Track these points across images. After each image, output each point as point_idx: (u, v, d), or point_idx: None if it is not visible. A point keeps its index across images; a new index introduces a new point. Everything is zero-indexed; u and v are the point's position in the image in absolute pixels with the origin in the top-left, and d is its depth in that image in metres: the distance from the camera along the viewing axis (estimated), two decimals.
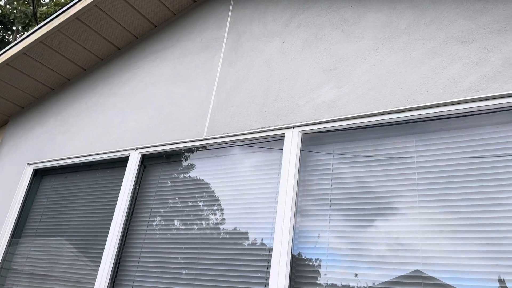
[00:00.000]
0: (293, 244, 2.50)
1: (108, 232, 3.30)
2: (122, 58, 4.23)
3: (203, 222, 2.94)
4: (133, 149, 3.53)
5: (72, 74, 4.47)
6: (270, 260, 2.50)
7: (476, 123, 2.26)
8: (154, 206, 3.25)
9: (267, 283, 2.47)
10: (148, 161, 3.50)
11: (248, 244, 2.70)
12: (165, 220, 3.13)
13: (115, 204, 3.39)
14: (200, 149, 3.23)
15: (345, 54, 2.79)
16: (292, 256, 2.47)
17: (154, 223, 3.18)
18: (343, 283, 2.28)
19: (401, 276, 2.15)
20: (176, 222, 3.07)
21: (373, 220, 2.34)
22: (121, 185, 3.44)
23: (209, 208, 2.98)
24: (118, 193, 3.43)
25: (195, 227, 2.96)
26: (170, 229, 3.07)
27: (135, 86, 3.92)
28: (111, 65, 4.28)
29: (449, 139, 2.30)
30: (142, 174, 3.46)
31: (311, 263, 2.44)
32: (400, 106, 2.44)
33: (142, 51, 4.09)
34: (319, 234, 2.47)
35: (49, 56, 4.20)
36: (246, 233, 2.74)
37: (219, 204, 2.95)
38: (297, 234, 2.53)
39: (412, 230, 2.21)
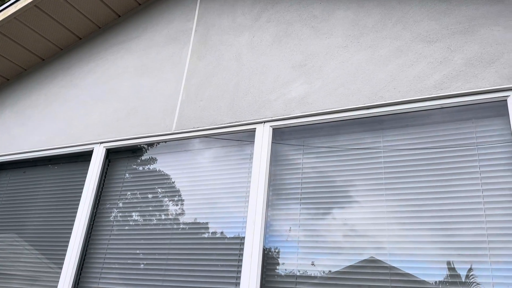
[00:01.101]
0: (265, 237, 2.53)
1: (72, 229, 3.19)
2: (83, 48, 4.08)
3: (172, 217, 2.92)
4: (97, 143, 3.43)
5: (30, 63, 4.26)
6: (242, 254, 2.53)
7: (439, 120, 2.37)
8: (120, 201, 3.18)
9: (239, 277, 2.49)
10: (114, 155, 3.41)
11: (219, 238, 2.70)
12: (132, 216, 3.07)
13: (79, 199, 3.29)
14: (169, 143, 3.19)
15: (315, 50, 2.84)
16: (264, 249, 2.51)
17: (121, 219, 3.11)
18: (314, 274, 2.34)
19: (361, 261, 2.24)
20: (143, 218, 3.02)
21: (340, 212, 2.41)
22: (85, 180, 3.34)
23: (178, 202, 2.95)
24: (82, 188, 3.33)
25: (164, 222, 2.93)
26: (138, 225, 3.02)
27: (98, 78, 3.80)
28: (72, 55, 4.11)
29: (414, 135, 2.40)
30: (107, 169, 3.38)
31: (282, 256, 2.48)
32: (368, 102, 2.51)
33: (106, 41, 3.96)
34: (290, 228, 2.52)
35: (4, 45, 3.98)
36: (217, 227, 2.75)
37: (189, 199, 2.93)
38: (268, 228, 2.56)
39: (379, 218, 2.30)
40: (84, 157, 3.51)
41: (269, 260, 2.49)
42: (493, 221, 2.06)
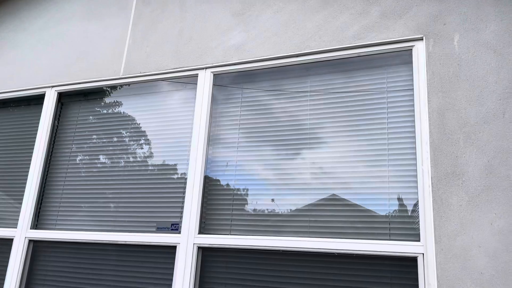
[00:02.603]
0: (205, 171, 2.85)
1: (28, 169, 3.41)
2: None
3: (123, 156, 3.18)
4: (49, 86, 3.57)
5: None
6: (186, 183, 2.85)
7: (357, 67, 2.68)
8: (74, 142, 3.40)
9: (183, 206, 2.83)
10: (66, 99, 3.57)
11: (166, 171, 3.01)
12: (86, 156, 3.31)
13: (34, 142, 3.48)
14: (118, 87, 3.38)
15: None
16: (205, 180, 2.84)
17: (75, 159, 3.35)
18: (249, 204, 2.71)
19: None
20: (96, 157, 3.27)
21: (275, 149, 2.75)
22: (38, 123, 3.51)
23: (128, 142, 3.21)
24: (36, 131, 3.51)
25: (116, 160, 3.20)
26: (91, 165, 3.27)
27: (46, 22, 3.84)
28: None
29: (336, 80, 2.71)
30: (60, 112, 3.55)
31: (220, 187, 2.83)
32: (297, 51, 2.77)
33: None
34: (227, 163, 2.85)
35: None
36: (164, 162, 3.04)
37: (138, 139, 3.19)
38: (209, 164, 2.88)
39: (302, 154, 2.65)
40: (37, 100, 3.65)
41: (208, 187, 2.83)
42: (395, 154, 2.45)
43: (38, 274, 3.16)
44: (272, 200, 2.66)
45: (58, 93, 3.53)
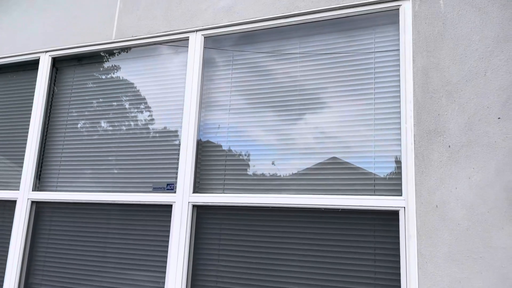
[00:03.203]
0: (198, 133, 2.94)
1: (27, 133, 3.50)
2: None
3: (119, 120, 3.26)
4: (42, 51, 3.60)
5: None
6: (180, 146, 2.95)
7: (346, 27, 2.70)
8: (70, 106, 3.46)
9: (177, 167, 2.93)
10: (60, 63, 3.60)
11: (161, 136, 3.09)
12: (82, 120, 3.39)
13: (31, 106, 3.55)
14: (111, 51, 3.41)
15: None
16: (198, 142, 2.93)
17: (72, 123, 3.43)
18: (241, 163, 2.81)
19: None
20: (92, 121, 3.35)
21: (265, 111, 2.82)
22: (34, 88, 3.57)
23: (123, 106, 3.27)
24: (33, 95, 3.57)
25: (112, 124, 3.28)
26: (88, 128, 3.35)
27: None
28: None
29: (326, 41, 2.74)
30: (56, 77, 3.59)
31: (213, 148, 2.92)
32: (286, 12, 2.79)
33: None
34: (219, 125, 2.92)
35: None
36: (159, 126, 3.12)
37: (133, 103, 3.25)
38: (202, 126, 2.96)
39: (289, 115, 2.73)
40: (32, 65, 3.69)
41: (201, 149, 2.92)
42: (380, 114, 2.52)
43: (41, 233, 3.31)
44: (273, 163, 2.74)
45: (52, 58, 3.57)
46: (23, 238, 3.28)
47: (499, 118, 2.16)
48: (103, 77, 3.42)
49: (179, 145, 2.98)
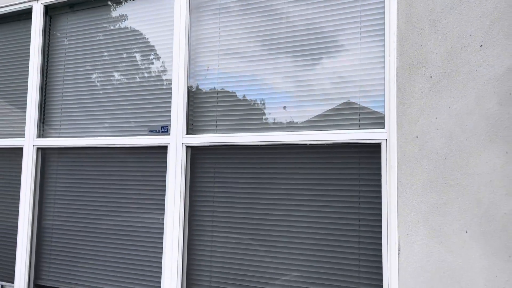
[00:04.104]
0: (189, 76, 2.98)
1: (27, 81, 3.59)
2: None
3: (115, 66, 3.31)
4: (35, 0, 3.60)
5: None
6: (171, 93, 3.00)
7: None
8: (67, 54, 3.52)
9: (170, 111, 3.01)
10: (53, 11, 3.62)
11: (155, 80, 3.15)
12: (78, 67, 3.45)
13: (28, 56, 3.61)
14: None
15: None
16: (189, 84, 2.97)
17: (69, 71, 3.49)
18: (232, 104, 2.86)
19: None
20: (88, 68, 3.41)
21: (253, 50, 2.83)
22: (29, 37, 3.61)
23: (118, 52, 3.31)
24: (29, 45, 3.62)
25: (108, 72, 3.33)
26: (84, 76, 3.42)
27: None
28: None
29: None
30: (50, 25, 3.62)
31: (204, 90, 2.97)
32: None
33: None
34: (207, 67, 2.95)
35: None
36: (151, 71, 3.17)
37: (126, 48, 3.28)
38: (192, 69, 2.99)
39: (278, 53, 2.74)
40: (26, 15, 3.71)
41: (193, 91, 2.98)
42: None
43: (49, 178, 3.49)
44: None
45: (44, 6, 3.58)
46: (32, 183, 3.47)
47: (481, 46, 2.14)
48: (96, 23, 3.43)
49: (171, 88, 3.03)
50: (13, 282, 3.50)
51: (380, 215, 2.39)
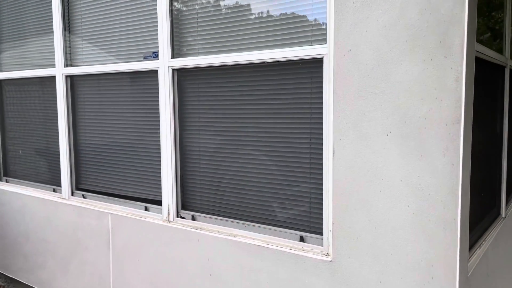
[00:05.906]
0: (171, 1, 3.29)
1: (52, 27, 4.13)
2: None
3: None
4: None
5: None
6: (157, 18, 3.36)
7: None
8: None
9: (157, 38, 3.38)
10: None
11: (147, 8, 3.51)
12: (95, 10, 3.91)
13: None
14: None
15: None
16: (172, 11, 3.30)
17: (87, 13, 3.96)
18: (211, 28, 3.17)
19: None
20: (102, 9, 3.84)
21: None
22: None
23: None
24: None
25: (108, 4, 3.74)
26: (101, 16, 3.88)
27: None
28: None
29: None
30: None
31: (187, 15, 3.28)
32: None
33: None
34: None
35: None
36: None
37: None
38: None
39: None
40: None
41: (176, 18, 3.31)
42: None
43: (78, 103, 4.13)
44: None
45: None
46: (65, 108, 4.13)
47: None
48: None
49: (156, 13, 3.39)
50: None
51: (321, 123, 2.67)
